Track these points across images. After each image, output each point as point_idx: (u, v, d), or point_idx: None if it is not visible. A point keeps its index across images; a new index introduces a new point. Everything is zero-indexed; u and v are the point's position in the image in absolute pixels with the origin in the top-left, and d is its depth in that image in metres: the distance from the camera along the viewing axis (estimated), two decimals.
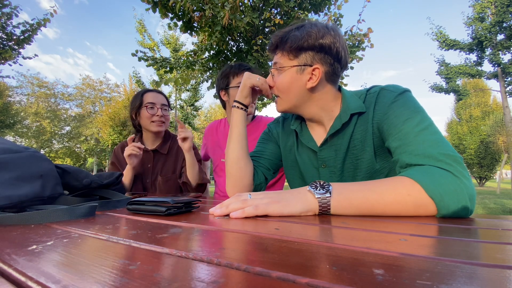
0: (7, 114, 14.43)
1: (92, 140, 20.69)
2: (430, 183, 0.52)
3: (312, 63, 0.73)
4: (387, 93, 0.72)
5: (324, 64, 0.74)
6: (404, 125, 0.64)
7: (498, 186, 11.80)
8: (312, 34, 0.71)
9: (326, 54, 0.73)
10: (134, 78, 11.94)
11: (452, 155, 0.56)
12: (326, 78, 0.76)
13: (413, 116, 0.65)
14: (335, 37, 0.72)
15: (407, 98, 0.69)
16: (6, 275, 0.23)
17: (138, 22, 11.12)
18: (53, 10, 5.53)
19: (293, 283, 0.20)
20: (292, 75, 0.75)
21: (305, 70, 0.74)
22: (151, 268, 0.23)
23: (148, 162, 1.41)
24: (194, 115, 12.99)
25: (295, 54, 0.74)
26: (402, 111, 0.67)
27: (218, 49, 4.32)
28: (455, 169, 0.54)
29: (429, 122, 0.64)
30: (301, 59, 0.74)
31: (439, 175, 0.53)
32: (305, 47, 0.72)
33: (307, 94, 0.77)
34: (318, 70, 0.73)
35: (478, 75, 10.75)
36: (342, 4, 4.42)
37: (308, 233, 0.37)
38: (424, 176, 0.53)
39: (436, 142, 0.59)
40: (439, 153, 0.56)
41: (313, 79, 0.74)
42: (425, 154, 0.57)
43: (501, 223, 0.47)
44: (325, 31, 0.72)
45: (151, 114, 1.36)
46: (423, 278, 0.21)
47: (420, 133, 0.61)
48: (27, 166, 0.58)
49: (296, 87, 0.76)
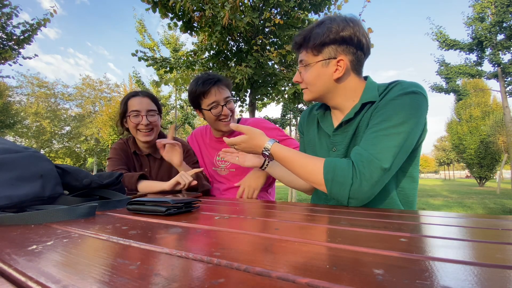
0: (7, 114, 14.42)
1: (92, 140, 20.69)
2: (330, 170, 0.69)
3: (336, 55, 0.78)
4: (398, 88, 0.74)
5: (348, 54, 0.78)
6: (379, 123, 0.70)
7: (498, 186, 11.79)
8: (332, 29, 0.76)
9: (348, 45, 0.77)
10: (134, 78, 11.94)
11: (375, 161, 0.65)
12: (351, 67, 0.80)
13: (391, 118, 0.69)
14: (354, 27, 0.76)
15: (408, 100, 0.70)
16: (6, 275, 0.23)
17: (138, 22, 11.11)
18: (53, 10, 5.53)
19: (293, 283, 0.20)
20: (319, 70, 0.81)
21: (330, 63, 0.79)
22: (151, 268, 0.23)
23: (145, 166, 1.38)
24: (194, 115, 12.98)
25: (319, 50, 0.79)
26: (390, 109, 0.70)
27: (218, 49, 4.31)
28: (363, 171, 0.65)
29: (401, 130, 0.67)
30: (325, 54, 0.79)
31: (342, 167, 0.68)
32: (328, 42, 0.77)
33: (334, 84, 0.82)
34: (342, 61, 0.78)
35: (478, 75, 10.74)
36: (342, 4, 4.42)
37: (308, 233, 0.37)
38: (332, 163, 0.70)
39: (382, 148, 0.67)
40: (368, 157, 0.66)
41: (339, 69, 0.79)
42: (360, 153, 0.68)
43: (501, 223, 0.47)
44: (344, 24, 0.76)
45: (135, 123, 1.28)
46: (423, 278, 0.21)
47: (383, 136, 0.68)
48: (27, 166, 0.58)
49: (323, 79, 0.81)
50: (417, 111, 0.68)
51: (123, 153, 1.36)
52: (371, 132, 0.71)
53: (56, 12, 5.55)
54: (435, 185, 18.84)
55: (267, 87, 4.62)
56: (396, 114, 0.69)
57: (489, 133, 16.71)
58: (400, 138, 0.67)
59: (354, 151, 0.71)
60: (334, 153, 0.85)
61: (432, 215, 0.56)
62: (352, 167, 0.67)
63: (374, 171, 0.65)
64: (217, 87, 1.23)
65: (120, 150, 1.36)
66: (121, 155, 1.35)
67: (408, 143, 0.68)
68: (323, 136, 0.91)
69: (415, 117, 0.68)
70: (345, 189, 0.66)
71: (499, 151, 16.26)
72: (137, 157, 1.40)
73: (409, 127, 0.67)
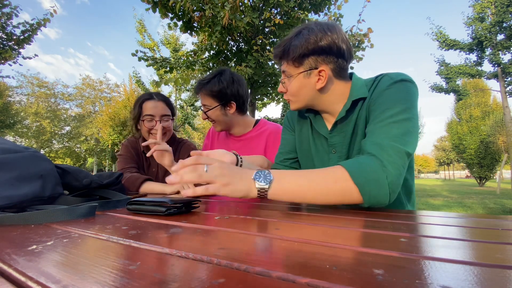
0: (7, 114, 14.43)
1: (92, 140, 20.69)
2: (356, 171, 0.56)
3: (317, 65, 0.77)
4: (386, 79, 0.74)
5: (329, 63, 0.77)
6: (382, 113, 0.68)
7: (498, 186, 11.78)
8: (310, 40, 0.74)
9: (328, 54, 0.75)
10: (134, 78, 11.94)
11: (397, 146, 0.60)
12: (334, 75, 0.79)
13: (394, 106, 0.67)
14: (332, 35, 0.74)
15: (401, 87, 0.70)
16: (6, 275, 0.23)
17: (138, 22, 11.12)
18: (52, 10, 5.53)
19: (293, 283, 0.20)
20: (301, 81, 0.79)
21: (312, 74, 0.78)
22: (151, 268, 0.23)
23: (153, 166, 1.39)
24: (194, 115, 12.99)
25: (299, 61, 0.78)
26: (388, 99, 0.69)
27: (218, 49, 4.32)
28: (390, 159, 0.59)
29: (406, 116, 0.65)
30: (306, 65, 0.77)
31: (368, 164, 0.58)
32: (307, 53, 0.75)
33: (318, 94, 0.80)
34: (324, 71, 0.76)
35: (478, 75, 10.75)
36: (342, 4, 4.42)
37: (308, 233, 0.37)
38: (354, 165, 0.58)
39: (396, 135, 0.62)
40: (388, 144, 0.61)
41: (321, 79, 0.77)
42: (378, 143, 0.62)
43: (501, 223, 0.47)
44: (322, 33, 0.74)
45: (148, 127, 1.28)
46: (423, 278, 0.21)
47: (390, 124, 0.65)
48: (27, 166, 0.58)
49: (306, 90, 0.80)
50: (412, 97, 0.69)
51: (133, 151, 1.37)
52: (377, 123, 0.67)
53: (56, 12, 5.56)
54: (435, 185, 18.84)
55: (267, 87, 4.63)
56: (396, 102, 0.68)
57: (489, 133, 16.71)
58: (409, 123, 0.65)
59: (367, 144, 0.64)
60: (335, 155, 0.83)
61: (432, 215, 0.56)
62: (376, 159, 0.59)
63: (401, 157, 0.60)
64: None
65: (130, 147, 1.37)
66: (132, 152, 1.36)
67: (417, 127, 0.67)
68: (318, 138, 0.89)
69: (412, 102, 0.68)
70: (384, 186, 0.57)
71: (499, 151, 16.26)
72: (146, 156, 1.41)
73: (412, 111, 0.66)
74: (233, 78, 1.25)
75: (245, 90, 1.28)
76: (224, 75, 1.24)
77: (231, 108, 1.26)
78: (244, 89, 1.28)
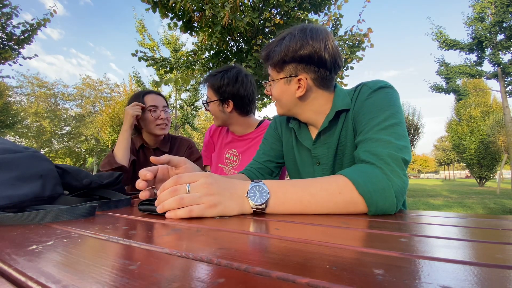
0: (7, 114, 14.42)
1: (92, 140, 20.69)
2: (361, 181, 0.54)
3: (296, 73, 0.76)
4: (365, 89, 0.73)
5: (309, 72, 0.76)
6: (368, 122, 0.67)
7: (498, 186, 11.79)
8: (290, 48, 0.74)
9: (308, 63, 0.74)
10: (134, 78, 11.94)
11: (396, 155, 0.58)
12: (316, 84, 0.78)
13: (379, 114, 0.67)
14: (314, 45, 0.72)
15: (381, 95, 0.70)
16: (6, 275, 0.23)
17: (138, 22, 11.11)
18: (53, 10, 5.53)
19: (293, 283, 0.20)
20: (282, 86, 0.80)
21: (292, 81, 0.78)
22: (151, 268, 0.23)
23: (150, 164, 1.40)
24: (194, 115, 12.99)
25: (280, 67, 0.78)
26: (371, 108, 0.69)
27: (218, 49, 4.32)
28: (390, 168, 0.57)
29: (393, 122, 0.65)
30: (286, 71, 0.78)
31: (372, 173, 0.56)
32: (287, 60, 0.75)
33: (298, 102, 0.80)
34: (303, 80, 0.76)
35: (478, 75, 10.74)
36: (342, 4, 4.42)
37: (308, 233, 0.37)
38: (357, 174, 0.55)
39: (389, 142, 0.61)
40: (386, 153, 0.59)
41: (301, 88, 0.77)
42: (374, 152, 0.60)
43: (501, 223, 0.47)
44: (302, 42, 0.73)
45: (155, 117, 1.35)
46: (423, 278, 0.21)
47: (379, 131, 0.64)
48: (27, 166, 0.58)
49: (286, 96, 0.80)
50: (394, 102, 0.68)
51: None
52: (366, 133, 0.66)
53: (56, 12, 5.56)
54: (435, 185, 18.84)
55: None
56: (379, 109, 0.67)
57: (489, 133, 16.71)
58: (398, 128, 0.64)
59: (362, 154, 0.62)
60: (319, 167, 0.82)
61: (432, 215, 0.56)
62: (376, 167, 0.57)
63: (398, 164, 0.58)
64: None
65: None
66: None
67: (405, 131, 0.66)
68: (302, 149, 0.88)
69: (396, 107, 0.67)
70: (390, 196, 0.54)
71: (499, 151, 16.26)
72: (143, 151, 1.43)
73: (398, 116, 0.66)
74: (237, 78, 1.25)
75: (247, 92, 1.27)
76: (229, 72, 1.25)
77: (229, 107, 1.27)
78: (247, 90, 1.27)
